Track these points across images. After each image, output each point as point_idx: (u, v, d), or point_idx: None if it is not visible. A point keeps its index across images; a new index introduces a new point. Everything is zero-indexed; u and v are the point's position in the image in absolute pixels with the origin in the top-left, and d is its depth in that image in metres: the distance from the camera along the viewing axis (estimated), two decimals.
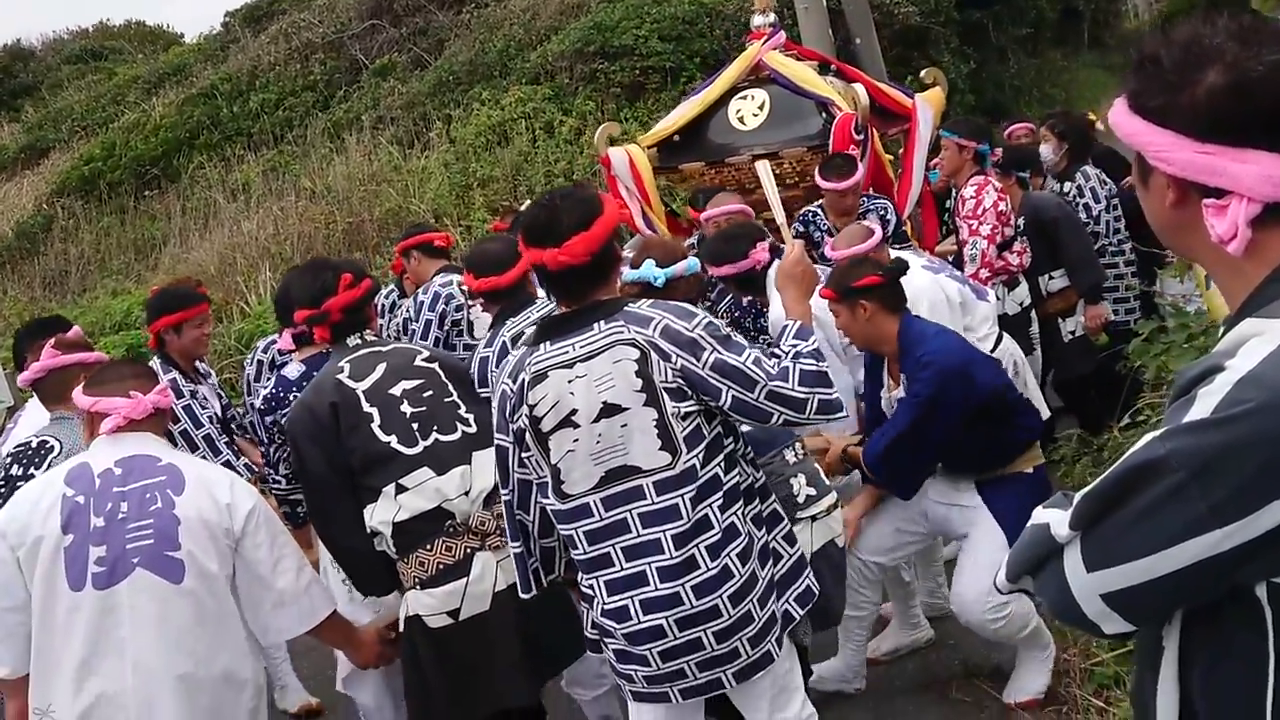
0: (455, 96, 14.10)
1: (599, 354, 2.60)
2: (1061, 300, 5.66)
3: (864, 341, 3.86)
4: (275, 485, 3.95)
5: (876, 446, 3.74)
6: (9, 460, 3.53)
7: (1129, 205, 6.55)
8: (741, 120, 6.42)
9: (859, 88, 6.03)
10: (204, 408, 4.61)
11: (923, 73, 7.11)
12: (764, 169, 3.19)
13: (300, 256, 11.00)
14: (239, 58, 18.25)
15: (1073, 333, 5.66)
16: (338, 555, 3.41)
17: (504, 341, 3.62)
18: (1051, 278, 5.64)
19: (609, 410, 2.59)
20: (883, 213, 5.68)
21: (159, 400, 2.98)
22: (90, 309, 11.36)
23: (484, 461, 3.17)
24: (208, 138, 16.16)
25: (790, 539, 2.82)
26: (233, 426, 4.93)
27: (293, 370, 3.94)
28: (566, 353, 2.63)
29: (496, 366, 3.56)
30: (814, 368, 2.62)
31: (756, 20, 6.65)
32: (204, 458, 4.40)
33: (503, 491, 2.82)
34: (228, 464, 4.47)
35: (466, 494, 3.20)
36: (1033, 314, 5.47)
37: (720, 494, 2.62)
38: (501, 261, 3.72)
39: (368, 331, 3.51)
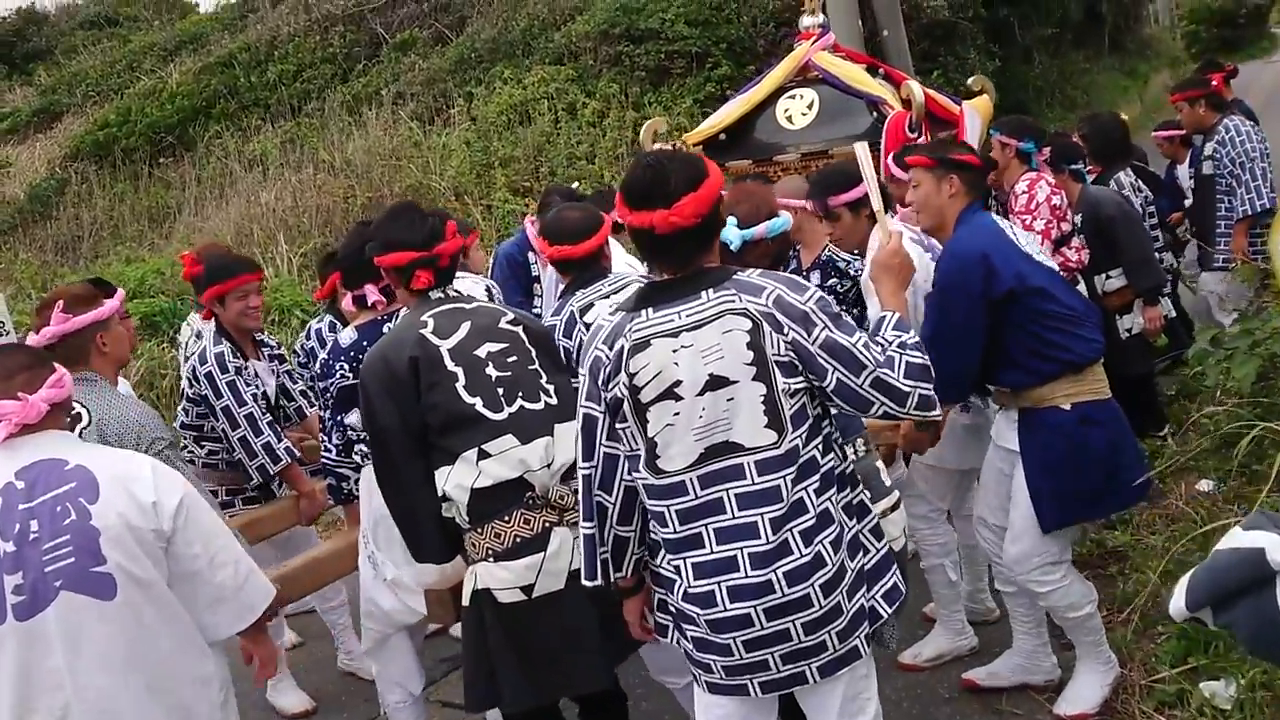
0: (477, 74, 13.95)
1: (707, 323, 2.49)
2: (1118, 298, 5.53)
3: (933, 218, 3.73)
4: (325, 455, 3.83)
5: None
6: None
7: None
8: (790, 119, 6.33)
9: (914, 84, 5.91)
10: (248, 385, 4.45)
11: (970, 80, 6.97)
12: (863, 151, 3.01)
13: (318, 229, 10.88)
14: (258, 28, 18.09)
15: (1129, 331, 5.51)
16: (399, 516, 3.25)
17: (572, 311, 3.55)
18: (1109, 277, 5.51)
19: (716, 383, 2.48)
20: None
21: (52, 396, 2.66)
22: (104, 275, 11.19)
23: (565, 434, 3.06)
24: (224, 107, 16.02)
25: (878, 532, 2.71)
26: (285, 407, 4.82)
27: (346, 337, 3.81)
28: (671, 321, 2.51)
29: (563, 337, 3.54)
30: (920, 361, 2.53)
31: (805, 21, 6.54)
32: (243, 437, 4.36)
33: (583, 466, 2.68)
34: (268, 445, 4.37)
35: (548, 467, 3.08)
36: None
37: (817, 477, 2.52)
38: (579, 231, 3.65)
39: (451, 288, 3.36)
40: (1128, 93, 23.72)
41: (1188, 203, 6.77)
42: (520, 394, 3.14)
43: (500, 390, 3.12)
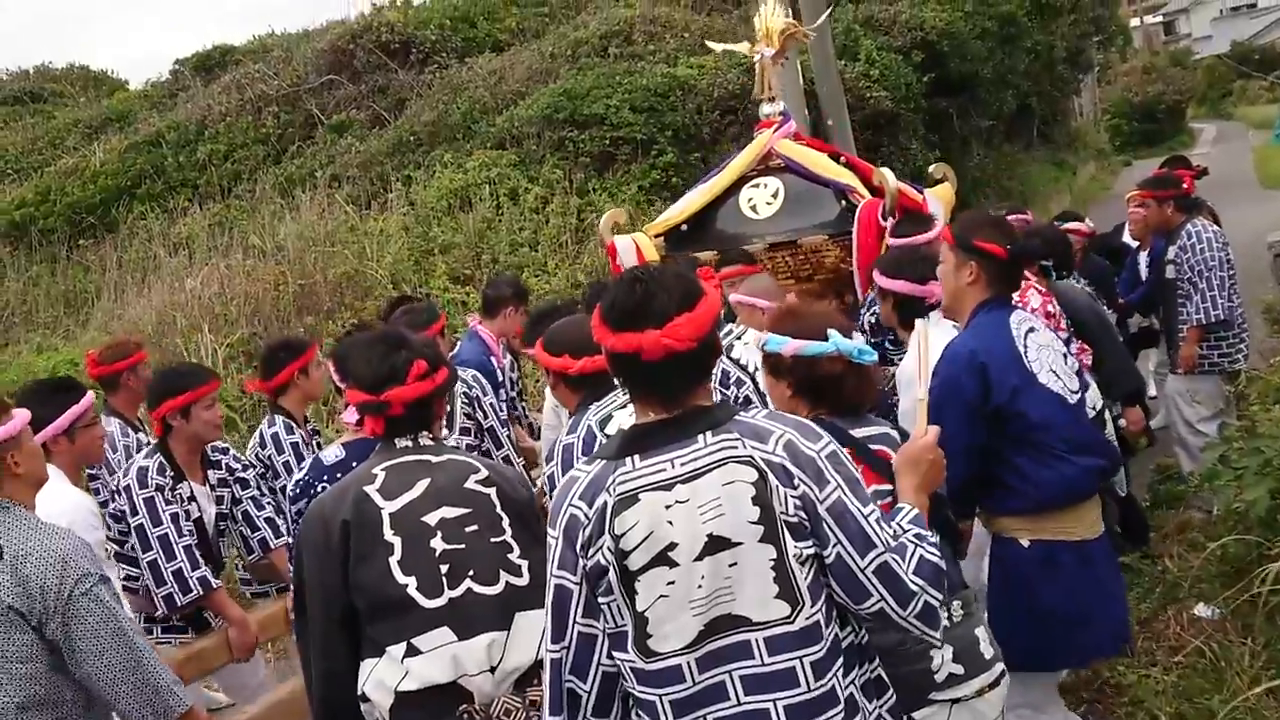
0: (416, 158, 13.65)
1: (706, 473, 2.11)
2: None
3: (950, 299, 3.55)
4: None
5: None
6: None
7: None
8: (754, 208, 6.13)
9: (886, 171, 5.71)
10: (169, 504, 4.06)
11: (931, 168, 6.87)
12: (922, 326, 2.65)
13: (246, 319, 10.35)
14: (188, 106, 17.64)
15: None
16: (314, 701, 2.74)
17: (590, 426, 3.16)
18: None
19: (716, 544, 2.10)
20: None
21: None
22: (12, 365, 10.55)
23: (528, 628, 2.55)
24: (150, 187, 15.49)
25: (894, 714, 2.29)
26: (247, 538, 4.40)
27: (331, 454, 3.39)
28: (664, 470, 2.13)
29: (584, 456, 3.07)
30: (935, 560, 2.16)
31: (766, 109, 6.39)
32: (153, 561, 3.99)
33: (551, 649, 2.20)
34: (178, 573, 3.97)
35: (492, 670, 2.56)
36: (1106, 416, 5.09)
37: (841, 658, 2.15)
38: (589, 341, 3.24)
39: (426, 434, 2.84)
40: (1058, 183, 24.20)
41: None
42: (470, 574, 2.60)
43: (444, 568, 2.59)
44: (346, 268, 11.13)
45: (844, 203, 5.88)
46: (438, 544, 2.60)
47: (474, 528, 2.64)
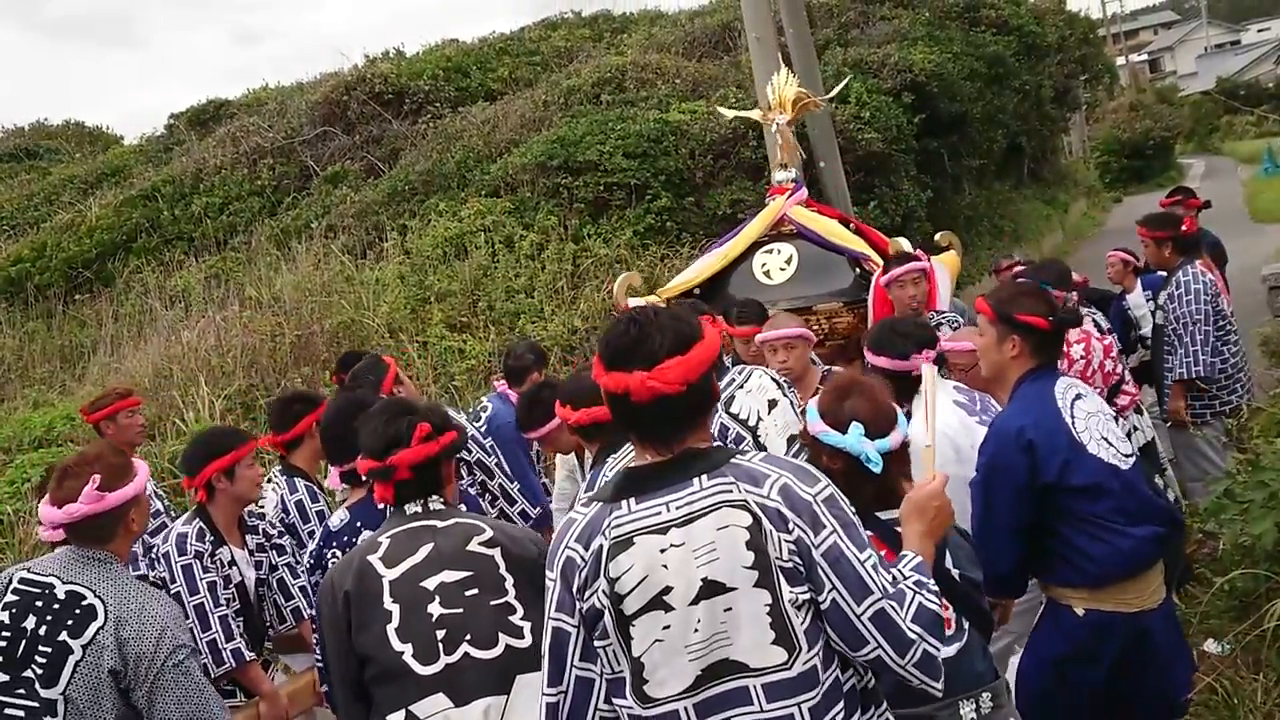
0: (411, 207, 13.67)
1: (700, 517, 2.11)
2: None
3: (991, 372, 3.47)
4: (318, 660, 3.38)
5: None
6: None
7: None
8: (768, 274, 6.22)
9: (902, 241, 5.81)
10: (207, 571, 4.03)
11: (937, 236, 6.95)
12: (929, 372, 2.61)
13: (243, 371, 10.32)
14: (182, 160, 17.70)
15: None
16: None
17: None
18: None
19: (710, 589, 2.10)
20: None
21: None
22: (8, 421, 10.50)
23: (529, 692, 2.50)
24: (146, 241, 15.49)
25: None
26: (281, 605, 4.35)
27: (336, 520, 3.39)
28: (659, 514, 2.13)
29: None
30: (935, 607, 2.13)
31: (779, 175, 6.51)
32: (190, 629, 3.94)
33: (548, 693, 2.20)
34: (212, 643, 3.91)
35: None
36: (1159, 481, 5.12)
37: (841, 706, 2.13)
38: (584, 393, 3.28)
39: (437, 498, 2.82)
40: (1050, 221, 24.35)
41: (1142, 332, 6.73)
42: (467, 639, 2.57)
43: (440, 634, 2.57)
44: (343, 317, 11.11)
45: (858, 270, 5.94)
46: (435, 609, 2.58)
47: (474, 591, 2.62)
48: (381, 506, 2.91)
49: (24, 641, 2.75)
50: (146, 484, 3.05)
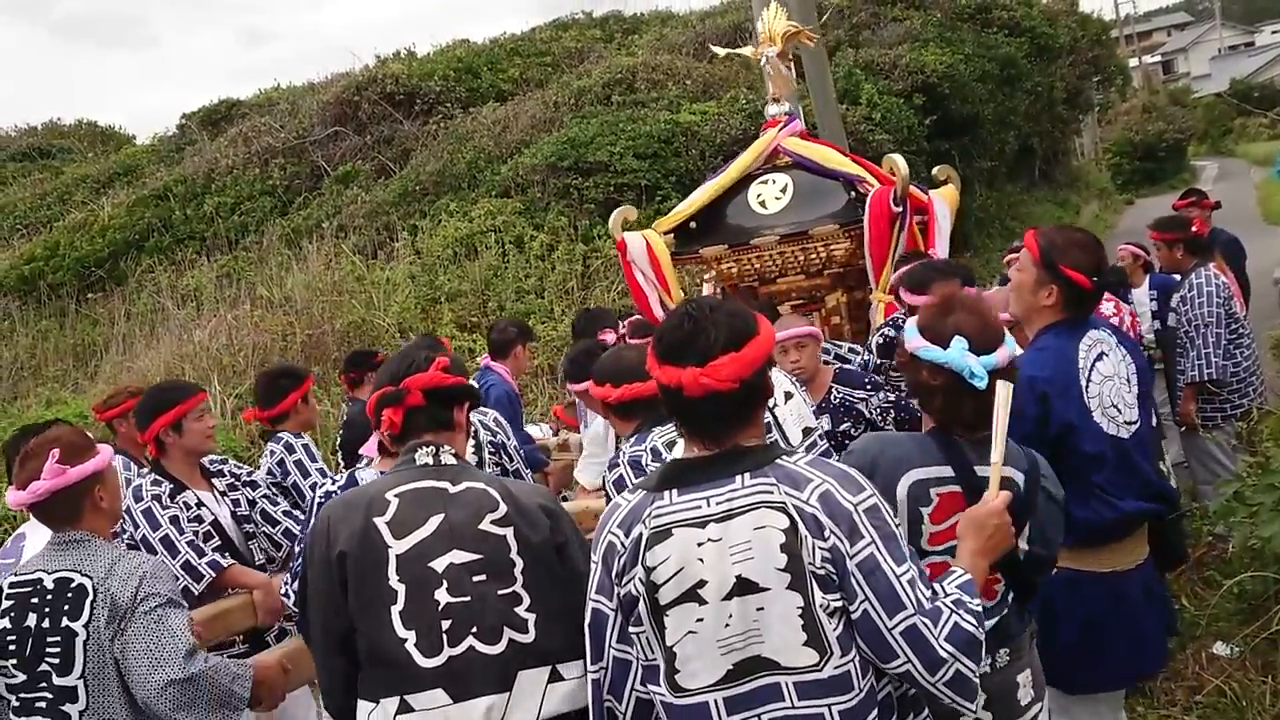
0: (421, 207, 13.72)
1: (739, 515, 2.10)
2: None
3: (1019, 312, 3.35)
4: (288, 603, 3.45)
5: None
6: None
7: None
8: (763, 203, 6.18)
9: (897, 157, 5.74)
10: (166, 508, 4.04)
11: (935, 170, 6.86)
12: (1004, 391, 2.35)
13: (254, 369, 10.35)
14: (194, 160, 17.79)
15: None
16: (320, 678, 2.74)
17: (655, 446, 3.22)
18: None
19: (744, 586, 2.09)
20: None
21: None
22: (21, 418, 10.54)
23: (531, 687, 2.45)
24: (158, 240, 15.57)
25: None
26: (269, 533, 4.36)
27: (366, 476, 3.34)
28: (699, 508, 2.13)
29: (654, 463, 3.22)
30: (972, 629, 2.09)
31: (772, 109, 6.45)
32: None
33: (591, 670, 2.26)
34: (186, 564, 3.94)
35: None
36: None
37: (876, 710, 2.12)
38: (625, 370, 3.35)
39: (448, 449, 2.66)
40: (1061, 222, 24.25)
41: (1140, 329, 6.71)
42: (473, 631, 2.44)
43: (445, 624, 2.43)
44: (354, 317, 11.16)
45: (853, 193, 5.90)
46: (442, 596, 2.46)
47: (482, 577, 2.49)
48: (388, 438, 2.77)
49: (31, 639, 2.78)
50: (111, 463, 3.04)
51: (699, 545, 2.10)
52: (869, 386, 4.53)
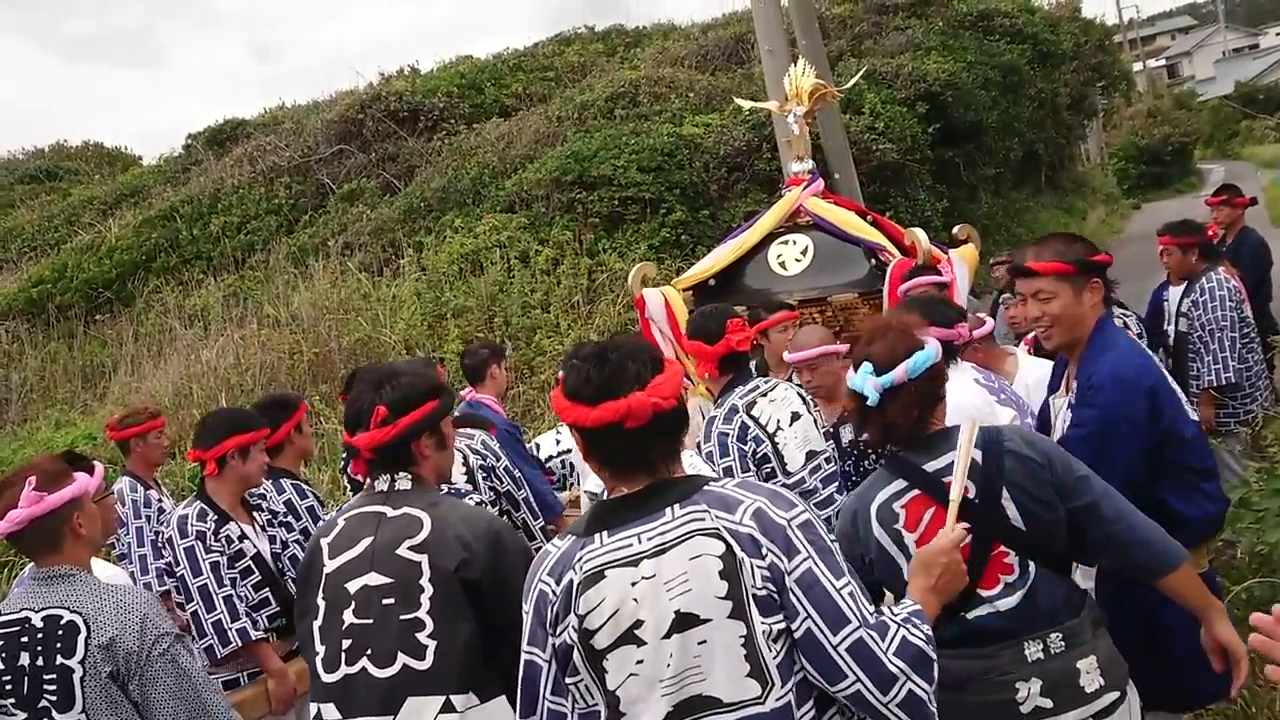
0: (426, 223, 13.74)
1: (672, 547, 2.05)
2: None
3: (1070, 333, 3.15)
4: None
5: None
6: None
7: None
8: (783, 265, 6.19)
9: (917, 231, 5.76)
10: (210, 551, 4.07)
11: (955, 229, 6.89)
12: (969, 427, 2.43)
13: (261, 388, 10.38)
14: (200, 180, 17.84)
15: None
16: None
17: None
18: None
19: (684, 621, 2.03)
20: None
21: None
22: (30, 441, 10.59)
23: (416, 715, 2.49)
24: (165, 261, 15.61)
25: None
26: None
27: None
28: (630, 546, 2.07)
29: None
30: (921, 644, 2.05)
31: (795, 167, 6.49)
32: (195, 613, 4.02)
33: None
34: (218, 624, 3.97)
35: None
36: None
37: None
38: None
39: (404, 475, 2.74)
40: (1067, 228, 24.21)
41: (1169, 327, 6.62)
42: (368, 653, 2.54)
43: (345, 644, 2.56)
44: (360, 334, 11.18)
45: (874, 261, 5.91)
46: (348, 616, 2.58)
47: (389, 600, 2.57)
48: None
49: (27, 678, 2.78)
50: (90, 490, 3.02)
51: (633, 585, 2.05)
52: None
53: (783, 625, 2.02)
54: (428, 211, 14.03)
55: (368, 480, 2.84)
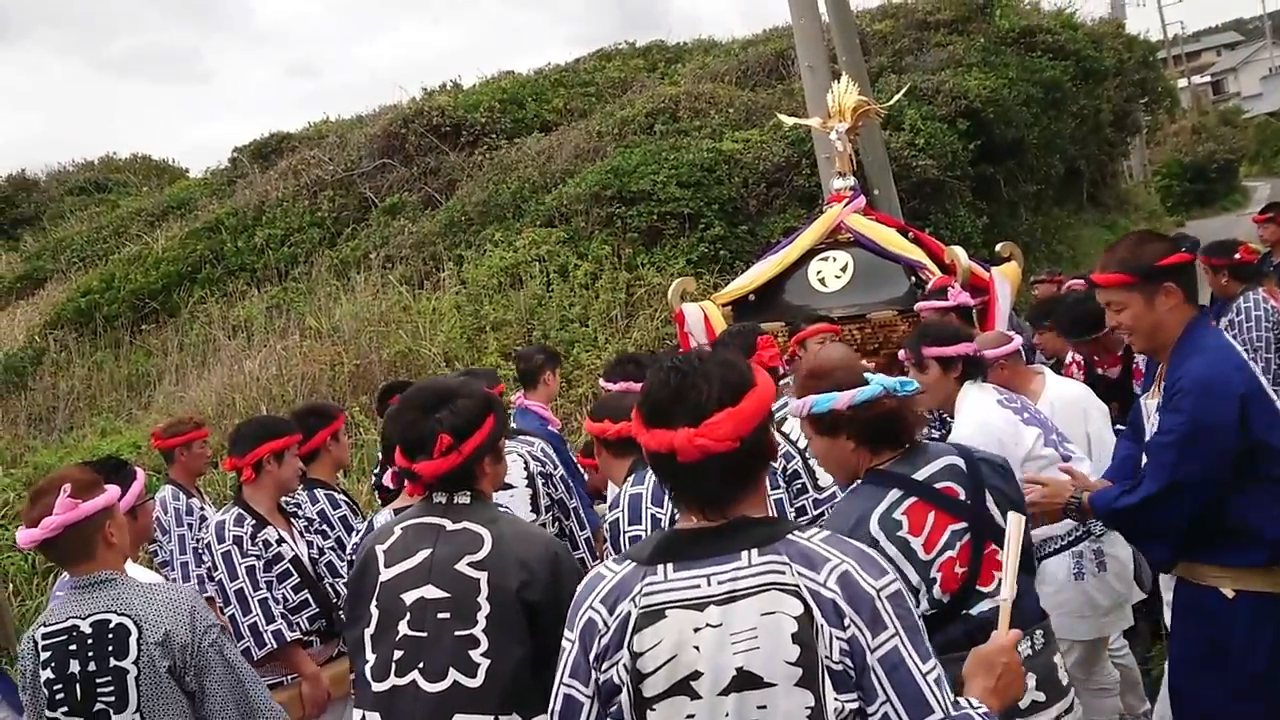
0: (467, 237, 13.85)
1: (744, 597, 1.85)
2: None
3: (1147, 341, 3.05)
4: None
5: (1120, 501, 2.97)
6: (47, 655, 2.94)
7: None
8: (823, 281, 6.22)
9: (957, 250, 5.76)
10: (246, 555, 4.16)
11: (999, 247, 6.89)
12: (1016, 524, 2.31)
13: (303, 399, 10.49)
14: (246, 193, 18.10)
15: None
16: None
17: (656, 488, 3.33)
18: None
19: (744, 680, 1.84)
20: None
21: None
22: (77, 449, 10.77)
23: None
24: (210, 272, 15.84)
25: None
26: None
27: (381, 519, 3.50)
28: (698, 587, 1.88)
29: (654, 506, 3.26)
30: None
31: (837, 183, 6.53)
32: (232, 616, 4.12)
33: None
34: (254, 627, 4.06)
35: None
36: None
37: None
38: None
39: (465, 492, 2.72)
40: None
41: None
42: (420, 665, 2.53)
43: (397, 655, 2.55)
44: (400, 347, 11.28)
45: (913, 279, 5.92)
46: (402, 628, 2.57)
47: (445, 615, 2.56)
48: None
49: (79, 684, 2.85)
50: (120, 501, 3.12)
51: (696, 630, 1.86)
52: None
53: (856, 705, 1.84)
54: (468, 225, 14.15)
55: (407, 489, 2.89)
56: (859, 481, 2.81)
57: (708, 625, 1.86)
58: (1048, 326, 5.63)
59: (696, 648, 1.86)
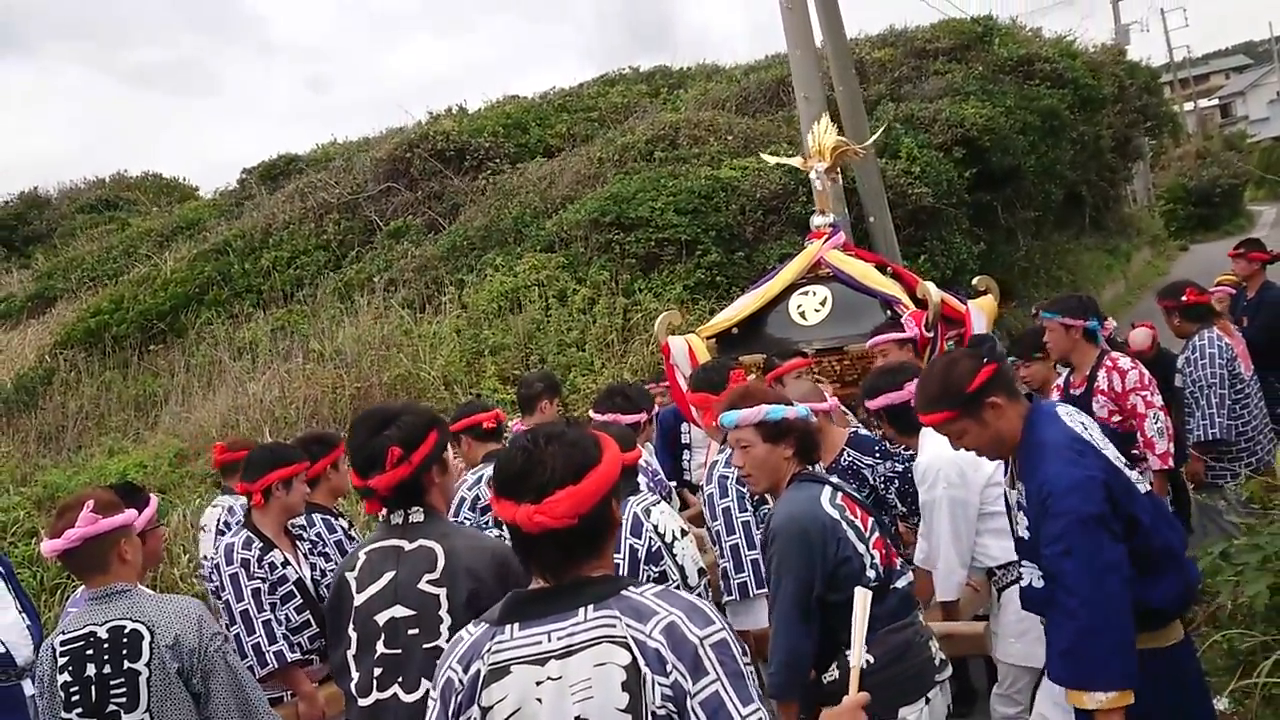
0: (469, 261, 14.08)
1: (579, 650, 1.99)
2: None
3: (998, 447, 3.19)
4: None
5: (1066, 642, 2.98)
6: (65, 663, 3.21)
7: None
8: (803, 315, 6.44)
9: (930, 285, 5.97)
10: (253, 578, 4.36)
11: (975, 280, 7.09)
12: (862, 598, 2.48)
13: (305, 421, 10.72)
14: (253, 214, 18.38)
15: None
16: None
17: (635, 514, 3.78)
18: None
19: None
20: None
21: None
22: (85, 468, 10.99)
23: None
24: (217, 294, 16.09)
25: None
26: None
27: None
28: (539, 644, 2.02)
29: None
30: None
31: (817, 220, 6.75)
32: (237, 635, 4.28)
33: None
34: (256, 647, 4.24)
35: None
36: None
37: None
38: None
39: (418, 508, 2.95)
40: (1111, 270, 24.13)
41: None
42: (399, 679, 2.78)
43: (378, 671, 2.81)
44: (401, 370, 11.48)
45: (889, 313, 6.12)
46: (380, 647, 2.83)
47: (414, 631, 2.82)
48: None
49: (94, 687, 3.12)
50: (138, 523, 3.42)
51: (538, 684, 2.00)
52: (878, 454, 4.68)
53: None
54: (470, 250, 14.37)
55: (365, 507, 3.14)
56: (790, 485, 3.42)
57: (549, 679, 2.00)
58: (1039, 357, 5.78)
59: (539, 699, 2.00)
